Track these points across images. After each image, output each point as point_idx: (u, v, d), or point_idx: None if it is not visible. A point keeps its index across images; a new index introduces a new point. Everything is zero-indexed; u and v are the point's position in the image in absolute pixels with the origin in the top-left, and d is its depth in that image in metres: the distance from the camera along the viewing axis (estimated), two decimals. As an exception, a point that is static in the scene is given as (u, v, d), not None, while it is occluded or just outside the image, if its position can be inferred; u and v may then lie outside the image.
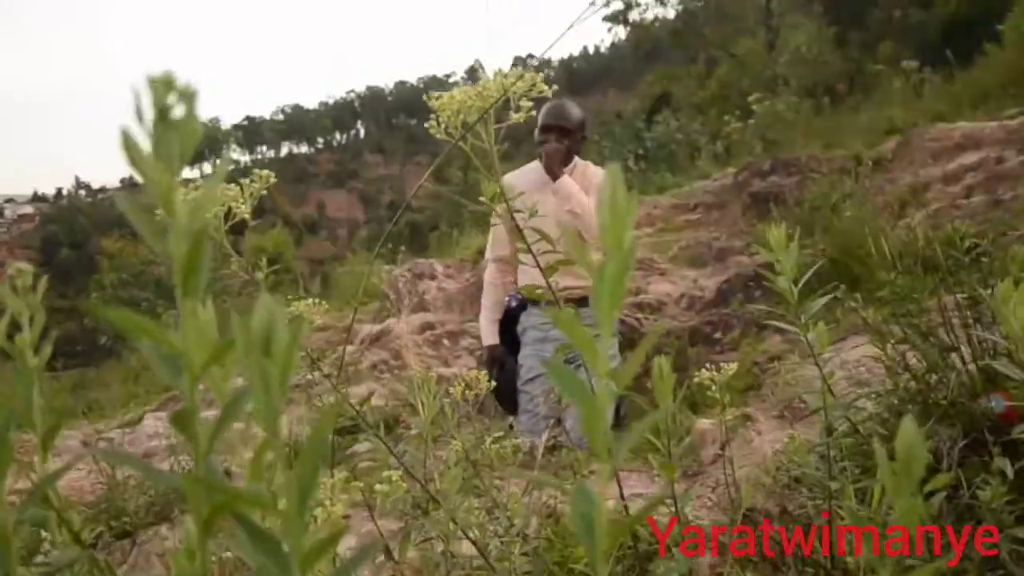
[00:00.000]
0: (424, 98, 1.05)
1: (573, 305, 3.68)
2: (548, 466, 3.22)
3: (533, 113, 1.05)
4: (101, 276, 17.38)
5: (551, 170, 3.57)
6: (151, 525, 3.26)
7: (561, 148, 3.60)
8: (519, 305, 3.79)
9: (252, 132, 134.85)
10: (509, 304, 3.80)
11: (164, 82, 0.48)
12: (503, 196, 1.32)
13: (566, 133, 3.67)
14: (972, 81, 9.97)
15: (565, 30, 1.33)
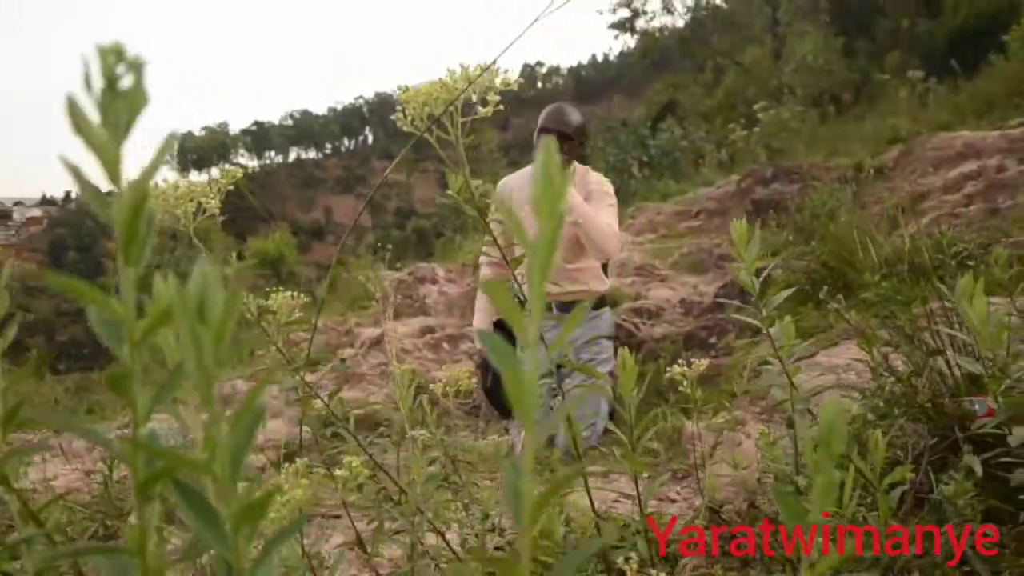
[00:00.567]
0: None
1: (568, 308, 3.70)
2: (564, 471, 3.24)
3: (501, 107, 1.06)
4: (106, 278, 17.48)
5: None
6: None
7: (564, 158, 3.59)
8: (516, 307, 3.80)
9: (260, 137, 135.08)
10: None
11: (114, 51, 0.49)
12: (490, 199, 1.33)
13: (566, 138, 3.67)
14: (977, 91, 9.97)
15: (527, 27, 1.34)
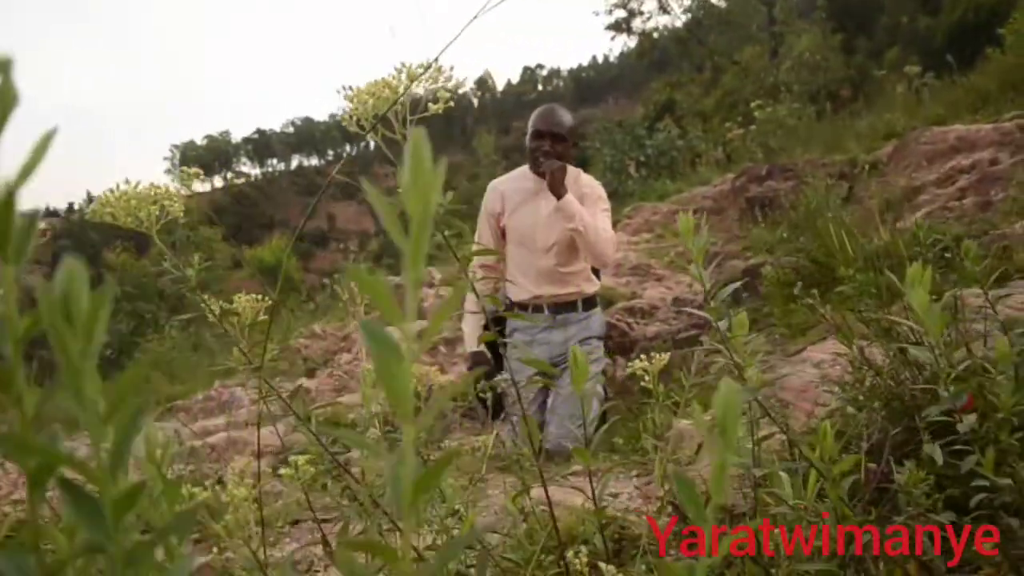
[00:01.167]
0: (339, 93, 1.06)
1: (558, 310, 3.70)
2: (532, 469, 3.23)
3: (451, 104, 1.06)
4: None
5: (555, 188, 3.54)
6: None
7: (563, 166, 3.58)
8: (507, 308, 3.79)
9: (262, 145, 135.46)
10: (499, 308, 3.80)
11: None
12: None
13: (559, 139, 3.67)
14: (971, 86, 9.95)
15: (468, 22, 1.33)
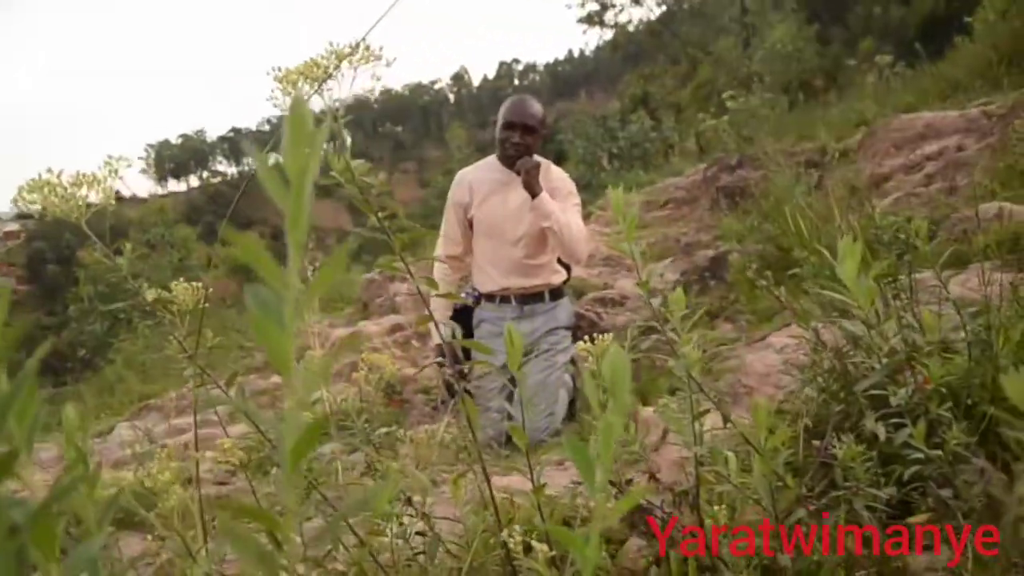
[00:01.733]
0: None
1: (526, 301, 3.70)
2: (499, 459, 3.22)
3: (380, 80, 1.05)
4: (79, 289, 17.36)
5: (530, 187, 3.51)
6: (111, 531, 3.26)
7: (538, 164, 3.55)
8: (475, 300, 3.78)
9: (238, 143, 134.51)
10: (467, 300, 3.79)
11: None
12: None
13: (529, 130, 3.64)
14: (941, 74, 10.02)
15: (382, 15, 1.32)
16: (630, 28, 24.52)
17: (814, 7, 20.72)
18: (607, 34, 25.41)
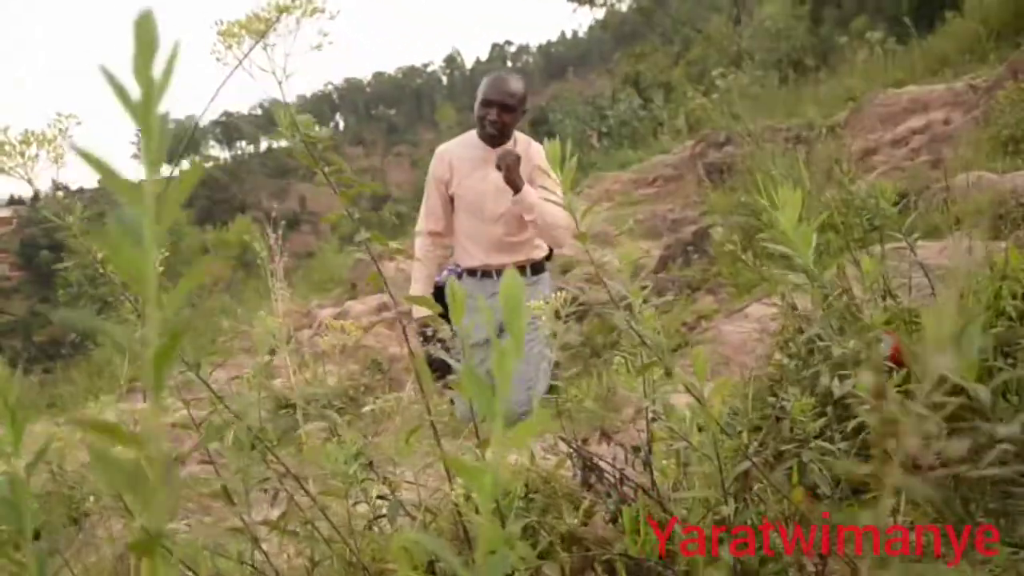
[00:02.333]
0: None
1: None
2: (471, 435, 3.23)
3: (327, 37, 1.03)
4: (67, 273, 17.31)
5: (512, 182, 3.47)
6: (101, 513, 3.28)
7: (518, 158, 3.50)
8: (457, 276, 3.77)
9: (230, 128, 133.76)
10: (449, 274, 3.77)
11: None
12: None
13: (507, 109, 3.61)
14: (931, 49, 10.00)
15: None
16: (622, 8, 24.41)
17: (805, -17, 20.63)
18: (599, 14, 25.29)
